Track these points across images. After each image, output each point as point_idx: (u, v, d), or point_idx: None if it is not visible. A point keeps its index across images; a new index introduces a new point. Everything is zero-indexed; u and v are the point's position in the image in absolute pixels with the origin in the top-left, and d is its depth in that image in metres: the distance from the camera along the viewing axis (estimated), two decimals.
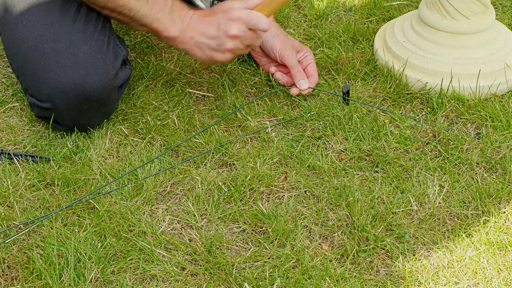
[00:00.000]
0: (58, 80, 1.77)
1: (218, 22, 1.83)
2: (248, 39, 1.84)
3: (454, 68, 2.01)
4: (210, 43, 1.84)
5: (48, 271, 1.52)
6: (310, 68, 2.03)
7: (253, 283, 1.52)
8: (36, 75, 1.80)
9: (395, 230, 1.63)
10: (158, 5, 1.83)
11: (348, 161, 1.82)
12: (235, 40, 1.83)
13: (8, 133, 1.90)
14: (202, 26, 1.84)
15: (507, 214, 1.68)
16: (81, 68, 1.78)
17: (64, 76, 1.77)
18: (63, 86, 1.77)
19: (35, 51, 1.81)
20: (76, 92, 1.78)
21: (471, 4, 2.01)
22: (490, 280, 1.53)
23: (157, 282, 1.53)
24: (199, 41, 1.85)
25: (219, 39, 1.83)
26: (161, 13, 1.83)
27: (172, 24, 1.83)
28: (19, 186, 1.73)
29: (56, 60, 1.79)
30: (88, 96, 1.79)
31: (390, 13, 2.37)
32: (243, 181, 1.74)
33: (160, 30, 1.84)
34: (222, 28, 1.82)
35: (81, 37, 1.81)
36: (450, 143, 1.86)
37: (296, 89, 1.99)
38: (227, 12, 1.84)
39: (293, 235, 1.62)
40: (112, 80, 1.82)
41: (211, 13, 1.86)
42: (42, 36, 1.81)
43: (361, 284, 1.53)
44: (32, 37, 1.82)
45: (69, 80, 1.78)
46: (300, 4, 2.43)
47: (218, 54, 1.86)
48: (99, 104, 1.82)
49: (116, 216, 1.66)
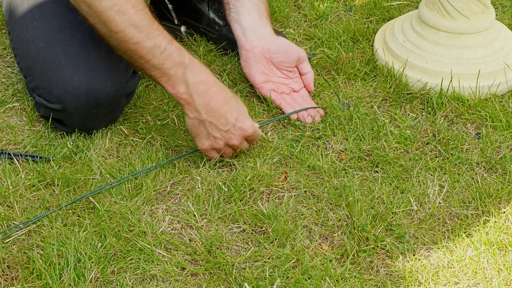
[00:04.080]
0: (70, 83, 1.77)
1: (234, 118, 1.73)
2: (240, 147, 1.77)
3: (454, 68, 2.01)
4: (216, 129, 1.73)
5: (48, 271, 1.52)
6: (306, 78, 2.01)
7: (253, 283, 1.52)
8: (46, 76, 1.81)
9: (395, 230, 1.63)
10: (171, 60, 1.69)
11: (348, 161, 1.82)
12: (230, 148, 1.76)
13: (8, 133, 1.90)
14: (219, 106, 1.71)
15: (507, 214, 1.68)
16: (95, 73, 1.78)
17: (76, 79, 1.78)
18: (75, 89, 1.77)
19: (46, 52, 1.81)
20: (87, 96, 1.78)
21: (471, 4, 2.01)
22: (490, 280, 1.53)
23: (157, 282, 1.53)
24: (207, 119, 1.72)
25: (226, 133, 1.74)
26: (174, 69, 1.70)
27: (183, 84, 1.70)
28: (19, 186, 1.73)
29: (68, 62, 1.79)
30: (99, 101, 1.79)
31: (390, 13, 2.37)
32: (243, 181, 1.74)
33: (168, 86, 1.72)
34: (231, 130, 1.73)
35: (93, 44, 1.81)
36: (450, 143, 1.86)
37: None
38: (242, 119, 1.73)
39: (293, 235, 1.62)
40: (123, 88, 1.82)
41: (229, 99, 1.74)
42: (54, 38, 1.81)
43: (361, 284, 1.53)
44: (43, 38, 1.83)
45: (81, 84, 1.78)
46: (300, 4, 2.43)
47: (214, 142, 1.74)
48: (108, 110, 1.83)
49: (116, 216, 1.66)
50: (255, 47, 1.96)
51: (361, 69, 2.11)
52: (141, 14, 1.67)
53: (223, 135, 1.73)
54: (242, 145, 1.77)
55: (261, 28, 1.97)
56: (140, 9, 1.67)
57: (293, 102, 1.95)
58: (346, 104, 1.98)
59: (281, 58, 1.96)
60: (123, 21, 1.65)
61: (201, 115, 1.71)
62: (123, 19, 1.65)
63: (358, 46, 2.20)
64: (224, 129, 1.72)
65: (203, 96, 1.70)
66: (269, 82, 1.97)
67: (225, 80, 2.05)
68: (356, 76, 2.09)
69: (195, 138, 1.75)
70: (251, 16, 1.98)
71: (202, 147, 1.76)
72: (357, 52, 2.18)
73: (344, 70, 2.10)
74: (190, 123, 1.74)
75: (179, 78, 1.70)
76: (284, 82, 1.98)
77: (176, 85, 1.70)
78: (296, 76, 1.99)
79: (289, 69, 1.98)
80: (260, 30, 1.97)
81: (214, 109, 1.71)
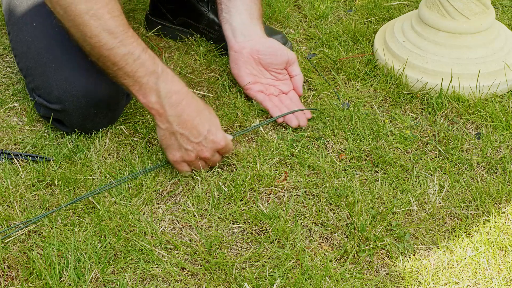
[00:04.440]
0: (70, 84, 1.77)
1: (206, 130, 1.70)
2: (211, 161, 1.75)
3: (454, 68, 2.01)
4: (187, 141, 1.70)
5: (48, 271, 1.52)
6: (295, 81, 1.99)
7: (253, 283, 1.52)
8: (46, 76, 1.81)
9: (395, 230, 1.63)
10: (144, 68, 1.67)
11: (348, 161, 1.82)
12: (202, 161, 1.73)
13: (8, 133, 1.90)
14: (191, 118, 1.69)
15: (507, 214, 1.68)
16: (94, 73, 1.78)
17: (76, 79, 1.78)
18: (75, 89, 1.77)
19: (46, 53, 1.81)
20: (87, 96, 1.78)
21: (471, 4, 2.01)
22: (490, 280, 1.53)
23: (157, 282, 1.53)
24: (179, 131, 1.69)
25: (198, 145, 1.70)
26: (146, 78, 1.67)
27: (154, 94, 1.67)
28: (19, 186, 1.73)
29: (68, 63, 1.79)
30: (98, 101, 1.79)
31: (390, 13, 2.37)
32: (243, 181, 1.74)
33: (139, 95, 1.69)
34: (203, 142, 1.70)
35: None
36: (450, 143, 1.86)
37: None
38: (214, 131, 1.71)
39: (293, 235, 1.62)
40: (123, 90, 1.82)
41: (202, 110, 1.71)
42: (54, 39, 1.81)
43: (361, 284, 1.53)
44: (43, 38, 1.83)
45: (81, 84, 1.78)
46: (300, 4, 2.43)
47: (185, 154, 1.71)
48: (108, 110, 1.83)
49: (116, 216, 1.66)
50: (243, 48, 1.94)
51: (361, 69, 2.11)
52: (117, 20, 1.65)
53: (195, 147, 1.70)
54: (213, 157, 1.73)
55: (251, 28, 1.96)
56: (116, 15, 1.65)
57: (280, 104, 1.93)
58: (346, 104, 1.98)
59: (270, 59, 1.95)
60: (98, 26, 1.63)
61: (172, 127, 1.68)
62: (98, 24, 1.63)
63: (358, 46, 2.20)
64: (195, 141, 1.69)
65: (175, 107, 1.67)
66: (258, 83, 1.95)
67: (225, 80, 2.05)
68: (356, 76, 2.09)
69: (165, 149, 1.72)
70: (242, 16, 1.96)
71: (172, 159, 1.72)
72: (357, 52, 2.18)
73: (344, 70, 2.10)
74: (161, 134, 1.70)
75: (151, 87, 1.67)
76: (273, 84, 1.97)
77: (147, 94, 1.67)
78: (285, 78, 1.98)
79: (278, 71, 1.96)
80: (249, 31, 1.95)
81: (186, 120, 1.68)
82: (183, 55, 2.18)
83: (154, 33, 2.26)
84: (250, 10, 1.97)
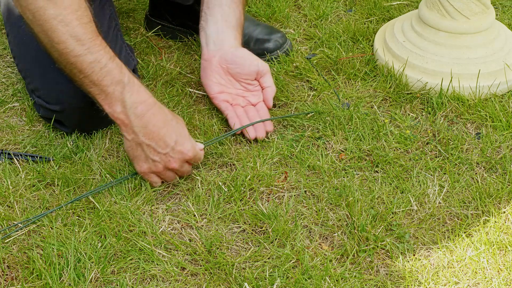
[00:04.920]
0: (69, 84, 1.76)
1: (174, 140, 1.67)
2: (180, 172, 1.72)
3: (454, 68, 2.01)
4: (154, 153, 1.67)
5: (48, 271, 1.52)
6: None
7: (253, 283, 1.52)
8: (45, 77, 1.81)
9: (395, 230, 1.63)
10: (110, 77, 1.64)
11: (348, 161, 1.82)
12: (170, 172, 1.71)
13: (8, 133, 1.90)
14: (157, 129, 1.66)
15: (507, 214, 1.68)
16: None
17: None
18: (74, 90, 1.76)
19: (44, 54, 1.81)
20: (87, 97, 1.77)
21: (471, 4, 2.01)
22: (490, 280, 1.53)
23: (157, 282, 1.53)
24: (145, 141, 1.66)
25: (165, 156, 1.68)
26: (112, 87, 1.64)
27: (120, 104, 1.65)
28: (19, 186, 1.73)
29: None
30: None
31: (390, 13, 2.37)
32: (243, 181, 1.74)
33: (105, 105, 1.67)
34: (170, 153, 1.67)
35: None
36: (450, 143, 1.86)
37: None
38: (183, 142, 1.68)
39: (293, 235, 1.62)
40: None
41: (169, 120, 1.68)
42: None
43: (361, 284, 1.53)
44: None
45: None
46: (300, 4, 2.43)
47: (152, 165, 1.69)
48: None
49: (116, 216, 1.66)
50: (213, 57, 1.90)
51: (361, 69, 2.11)
52: (85, 27, 1.62)
53: (162, 158, 1.67)
54: (183, 168, 1.70)
55: (224, 38, 1.91)
56: (85, 22, 1.62)
57: (242, 115, 1.89)
58: (346, 104, 1.98)
59: (237, 69, 1.90)
60: (66, 32, 1.61)
61: (138, 137, 1.65)
62: (66, 30, 1.60)
63: (358, 46, 2.20)
64: (163, 152, 1.66)
65: (141, 117, 1.64)
66: (224, 93, 1.91)
67: None
68: (356, 76, 2.09)
69: (133, 161, 1.70)
70: (217, 25, 1.92)
71: (140, 171, 1.69)
72: (357, 52, 2.18)
73: (344, 70, 2.10)
74: (128, 146, 1.68)
75: (117, 97, 1.64)
76: (242, 95, 1.92)
77: (113, 104, 1.65)
78: (256, 90, 1.93)
79: (247, 81, 1.92)
80: (222, 40, 1.91)
81: (152, 131, 1.65)
82: (183, 55, 2.18)
83: (154, 33, 2.26)
84: (227, 18, 1.92)
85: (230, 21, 1.92)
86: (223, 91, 1.91)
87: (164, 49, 2.21)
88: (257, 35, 2.15)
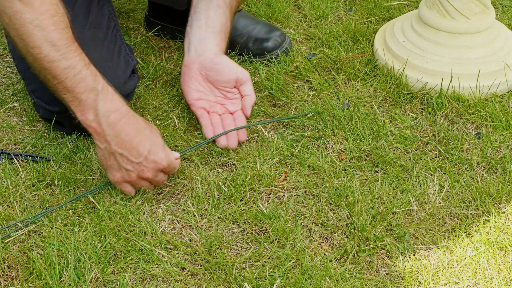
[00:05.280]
0: None
1: (147, 150, 1.65)
2: (155, 181, 1.70)
3: (454, 68, 2.01)
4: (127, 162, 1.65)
5: (48, 271, 1.52)
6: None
7: (253, 283, 1.52)
8: None
9: (395, 230, 1.63)
10: (84, 84, 1.62)
11: (348, 161, 1.82)
12: (144, 181, 1.69)
13: (8, 133, 1.90)
14: (130, 139, 1.63)
15: (507, 214, 1.68)
16: None
17: None
18: None
19: None
20: None
21: (471, 4, 2.01)
22: (490, 280, 1.53)
23: (157, 282, 1.53)
24: (118, 151, 1.64)
25: (138, 165, 1.66)
26: (85, 94, 1.62)
27: (92, 112, 1.63)
28: (19, 186, 1.73)
29: None
30: None
31: (390, 13, 2.37)
32: (243, 181, 1.74)
33: (77, 112, 1.64)
34: (143, 163, 1.65)
35: (91, 44, 1.80)
36: (450, 143, 1.86)
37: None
38: (156, 152, 1.66)
39: (293, 235, 1.62)
40: (121, 89, 1.81)
41: (142, 129, 1.65)
42: None
43: (361, 284, 1.53)
44: None
45: None
46: (300, 4, 2.43)
47: (126, 174, 1.67)
48: None
49: (116, 216, 1.66)
50: (193, 63, 1.89)
51: (361, 69, 2.11)
52: (61, 33, 1.60)
53: (136, 168, 1.65)
54: (157, 177, 1.68)
55: (206, 44, 1.90)
56: (61, 28, 1.60)
57: (217, 123, 1.87)
58: (346, 104, 1.98)
59: (215, 77, 1.88)
60: (41, 37, 1.59)
61: (111, 146, 1.63)
62: (41, 35, 1.58)
63: (358, 46, 2.20)
64: (136, 161, 1.64)
65: (113, 126, 1.62)
66: (202, 100, 1.89)
67: None
68: (356, 76, 2.09)
69: (106, 170, 1.67)
70: (201, 31, 1.90)
71: (113, 180, 1.67)
72: (357, 52, 2.18)
73: (344, 70, 2.10)
74: (101, 155, 1.65)
75: (90, 104, 1.62)
76: (221, 102, 1.90)
77: (85, 112, 1.62)
78: (235, 98, 1.90)
79: (226, 89, 1.89)
80: (203, 46, 1.90)
81: (125, 140, 1.63)
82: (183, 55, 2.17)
83: (154, 33, 2.26)
84: (211, 24, 1.91)
85: (214, 27, 1.90)
86: (201, 98, 1.89)
87: (164, 49, 2.21)
88: (256, 35, 2.15)
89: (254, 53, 2.14)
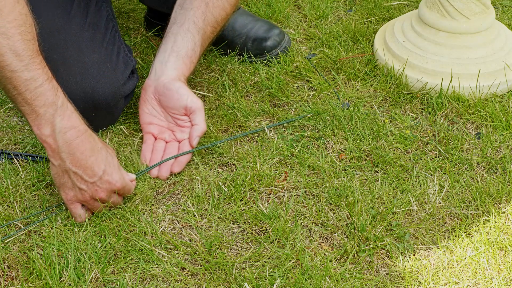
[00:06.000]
0: (67, 87, 1.75)
1: (102, 170, 1.62)
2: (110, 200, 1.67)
3: (454, 68, 2.01)
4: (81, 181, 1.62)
5: (48, 271, 1.52)
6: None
7: (253, 283, 1.52)
8: None
9: (395, 230, 1.63)
10: (44, 97, 1.58)
11: (348, 161, 1.82)
12: (97, 202, 1.65)
13: (8, 133, 1.90)
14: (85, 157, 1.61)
15: (507, 214, 1.68)
16: (91, 76, 1.77)
17: (73, 83, 1.77)
18: (72, 93, 1.75)
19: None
20: (85, 100, 1.77)
21: (471, 4, 2.01)
22: (490, 280, 1.53)
23: (157, 282, 1.53)
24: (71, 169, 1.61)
25: (92, 185, 1.63)
26: (44, 108, 1.58)
27: (49, 127, 1.59)
28: (19, 186, 1.73)
29: (65, 67, 1.77)
30: (96, 104, 1.79)
31: (390, 13, 2.37)
32: (243, 181, 1.74)
33: (34, 126, 1.60)
34: (97, 183, 1.62)
35: (89, 45, 1.80)
36: (450, 143, 1.86)
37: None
38: (111, 172, 1.63)
39: (293, 235, 1.62)
40: (120, 90, 1.81)
41: (98, 149, 1.63)
42: (50, 44, 1.80)
43: (361, 284, 1.53)
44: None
45: (78, 88, 1.77)
46: (300, 4, 2.43)
47: (78, 193, 1.63)
48: (107, 112, 1.82)
49: (116, 216, 1.66)
50: (149, 87, 1.85)
51: (361, 69, 2.11)
52: (27, 44, 1.57)
53: (89, 187, 1.61)
54: (111, 198, 1.65)
55: (165, 67, 1.85)
56: (27, 38, 1.57)
57: (159, 151, 1.83)
58: (346, 104, 1.98)
59: (166, 102, 1.84)
60: (5, 45, 1.55)
61: (65, 164, 1.59)
62: (6, 43, 1.55)
63: (358, 46, 2.20)
64: (90, 181, 1.61)
65: (69, 143, 1.59)
66: (153, 124, 1.86)
67: (225, 80, 2.05)
68: (356, 76, 2.09)
69: (59, 188, 1.64)
70: (165, 54, 1.86)
71: (66, 198, 1.63)
72: (357, 52, 2.18)
73: (344, 70, 2.10)
74: (54, 172, 1.62)
75: (47, 119, 1.58)
76: (172, 129, 1.86)
77: (42, 126, 1.58)
78: (186, 125, 1.85)
79: (176, 116, 1.85)
80: (162, 69, 1.85)
81: (80, 159, 1.59)
82: None
83: (154, 33, 2.26)
84: (176, 49, 1.86)
85: (179, 51, 1.86)
86: (152, 122, 1.86)
87: None
88: (254, 34, 2.15)
89: (253, 53, 2.14)
